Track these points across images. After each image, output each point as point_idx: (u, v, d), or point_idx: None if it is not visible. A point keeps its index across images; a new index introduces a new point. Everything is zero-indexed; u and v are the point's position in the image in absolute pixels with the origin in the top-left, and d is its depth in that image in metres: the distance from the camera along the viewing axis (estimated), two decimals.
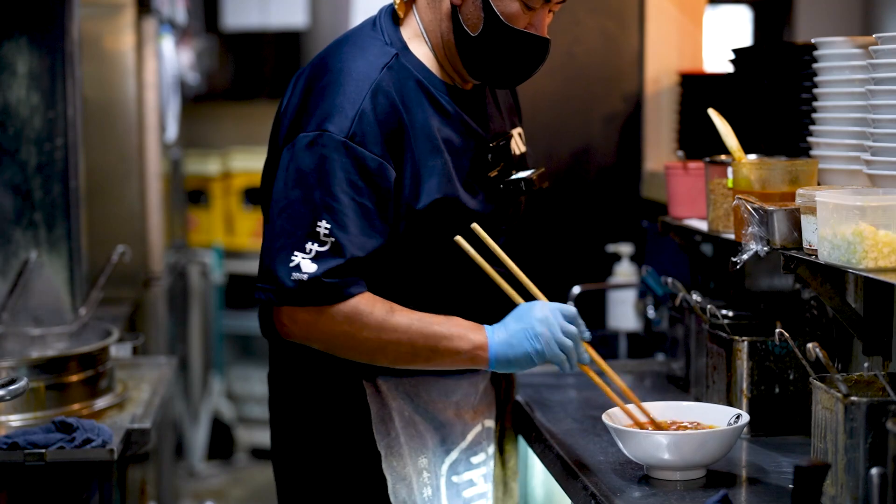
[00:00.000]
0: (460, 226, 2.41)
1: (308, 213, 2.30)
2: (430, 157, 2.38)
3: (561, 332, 2.33)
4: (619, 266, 3.68)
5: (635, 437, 2.24)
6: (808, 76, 2.60)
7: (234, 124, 6.91)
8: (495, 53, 2.40)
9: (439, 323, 2.36)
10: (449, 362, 2.38)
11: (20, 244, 3.29)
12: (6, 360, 2.82)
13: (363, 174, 2.31)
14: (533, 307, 2.36)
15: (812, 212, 2.19)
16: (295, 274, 2.30)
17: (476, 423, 2.58)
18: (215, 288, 6.38)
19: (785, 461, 2.36)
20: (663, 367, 3.15)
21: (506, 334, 2.35)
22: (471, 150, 2.46)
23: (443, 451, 2.53)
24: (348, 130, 2.31)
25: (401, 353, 2.37)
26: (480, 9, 2.36)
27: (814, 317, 2.63)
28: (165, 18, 5.09)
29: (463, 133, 2.45)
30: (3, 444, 2.49)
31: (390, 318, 2.34)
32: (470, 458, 2.56)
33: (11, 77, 3.26)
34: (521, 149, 2.63)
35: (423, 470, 2.50)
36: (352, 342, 2.36)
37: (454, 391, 2.54)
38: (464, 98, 2.48)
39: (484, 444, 2.59)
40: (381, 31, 2.46)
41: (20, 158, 3.27)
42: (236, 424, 6.45)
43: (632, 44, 3.77)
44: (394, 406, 2.48)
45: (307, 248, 2.29)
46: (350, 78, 2.36)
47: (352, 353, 2.39)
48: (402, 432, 2.49)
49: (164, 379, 3.14)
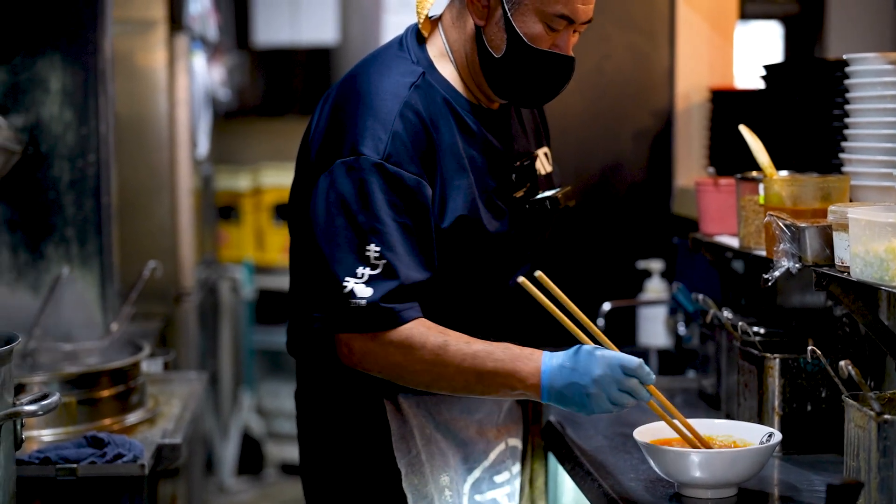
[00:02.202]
0: (480, 247, 2.40)
1: (355, 237, 2.28)
2: (455, 175, 2.37)
3: (617, 390, 2.23)
4: (650, 282, 3.67)
5: (666, 455, 2.23)
6: (840, 92, 2.59)
7: (265, 140, 6.93)
8: (519, 74, 2.38)
9: (494, 359, 2.29)
10: (503, 396, 2.34)
11: (52, 260, 3.31)
12: (38, 374, 2.84)
13: (403, 194, 2.30)
14: (592, 361, 2.23)
15: (844, 228, 2.18)
16: (352, 301, 2.27)
17: (500, 441, 2.56)
18: (245, 303, 6.40)
19: (817, 480, 2.34)
20: (694, 384, 3.14)
21: (561, 383, 2.25)
22: (495, 170, 2.45)
23: (465, 469, 2.51)
24: (383, 152, 2.30)
25: (455, 387, 2.34)
26: (503, 30, 2.35)
27: (846, 334, 2.62)
28: (197, 35, 5.12)
29: (487, 153, 2.44)
30: (36, 458, 2.50)
31: (443, 355, 2.29)
32: (493, 477, 2.55)
33: (45, 94, 3.28)
34: (546, 168, 2.61)
35: (445, 488, 2.48)
36: (407, 374, 2.34)
37: (477, 409, 2.52)
38: (489, 117, 2.47)
39: (508, 462, 2.58)
40: (407, 50, 2.45)
41: (53, 174, 3.29)
42: (266, 440, 6.45)
43: (662, 59, 3.77)
44: (415, 424, 2.47)
45: (359, 272, 2.27)
46: (379, 98, 2.35)
47: (409, 383, 2.37)
48: (423, 450, 2.47)
49: (194, 394, 3.15)
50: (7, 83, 3.27)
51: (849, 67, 2.53)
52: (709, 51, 3.75)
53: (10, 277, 3.29)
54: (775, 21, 6.41)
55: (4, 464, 2.11)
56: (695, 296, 2.91)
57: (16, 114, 3.27)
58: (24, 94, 3.27)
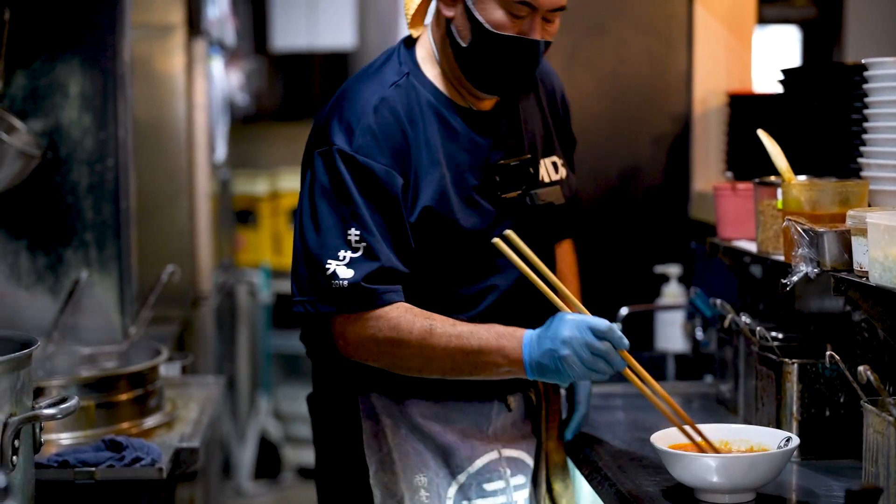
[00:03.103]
0: (454, 243, 2.45)
1: (339, 221, 2.37)
2: (429, 170, 2.43)
3: (590, 354, 2.27)
4: (668, 287, 3.66)
5: (683, 460, 2.22)
6: (859, 96, 2.58)
7: (283, 145, 6.95)
8: (486, 61, 2.43)
9: (478, 338, 2.35)
10: (493, 375, 2.39)
11: (71, 264, 3.33)
12: (57, 378, 2.85)
13: (373, 184, 2.38)
14: (562, 324, 2.30)
15: (863, 233, 2.18)
16: (334, 282, 2.36)
17: (490, 449, 2.55)
18: (263, 307, 6.41)
19: (836, 485, 2.33)
20: (711, 388, 3.14)
21: (538, 353, 2.32)
22: (478, 169, 2.48)
23: (447, 472, 2.52)
24: (354, 143, 2.38)
25: (445, 368, 2.40)
26: (468, 19, 2.41)
27: (865, 339, 2.61)
28: (215, 40, 5.13)
29: (470, 151, 2.48)
30: (54, 462, 2.51)
31: (429, 338, 2.36)
32: (482, 485, 2.54)
33: (64, 98, 3.30)
34: (552, 176, 2.62)
35: (421, 488, 2.49)
36: (398, 360, 2.40)
37: (457, 419, 2.54)
38: (475, 118, 2.51)
39: (502, 472, 2.55)
40: (397, 55, 2.53)
41: (72, 179, 3.31)
42: (283, 444, 6.46)
43: (680, 64, 3.77)
44: (387, 423, 2.50)
45: (341, 255, 2.36)
46: (358, 96, 2.45)
47: (401, 369, 2.43)
48: (395, 448, 2.50)
49: (212, 398, 3.16)
50: (26, 88, 3.29)
51: (867, 72, 2.52)
52: (726, 55, 3.74)
53: (29, 281, 3.31)
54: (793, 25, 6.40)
55: (24, 467, 2.12)
56: (712, 301, 2.90)
57: (35, 118, 3.28)
58: (43, 99, 3.29)
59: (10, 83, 3.26)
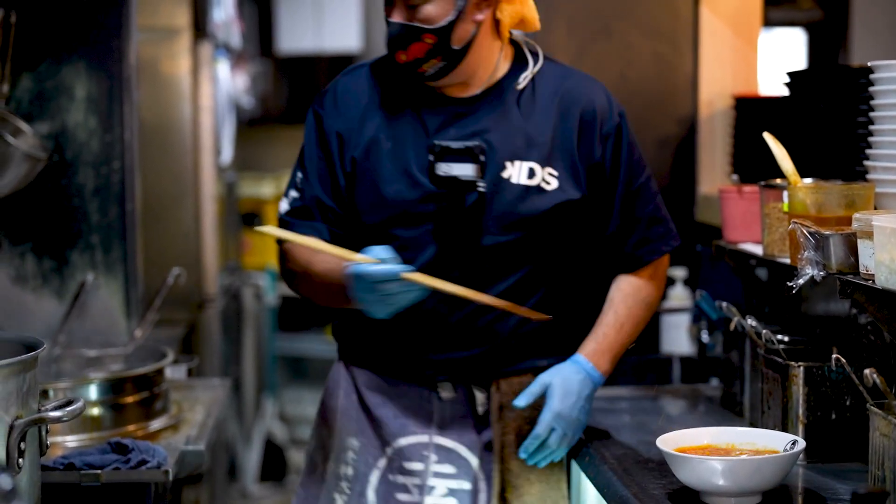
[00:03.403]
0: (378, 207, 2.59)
1: (296, 167, 2.70)
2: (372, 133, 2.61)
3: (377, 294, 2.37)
4: (673, 290, 3.66)
5: (689, 463, 2.22)
6: (865, 99, 2.58)
7: (289, 147, 6.91)
8: None
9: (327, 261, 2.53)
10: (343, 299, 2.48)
11: (77, 266, 3.33)
12: (63, 381, 2.85)
13: (321, 135, 2.65)
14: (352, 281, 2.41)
15: (869, 236, 2.18)
16: (279, 215, 2.70)
17: (421, 432, 2.64)
18: (269, 310, 6.41)
19: (842, 488, 2.33)
20: (717, 391, 3.13)
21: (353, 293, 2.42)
22: (422, 146, 2.58)
23: (379, 444, 2.66)
24: (320, 102, 2.68)
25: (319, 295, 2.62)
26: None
27: (871, 342, 2.61)
28: (221, 43, 5.14)
29: (418, 127, 2.60)
30: (60, 464, 2.51)
31: (309, 267, 2.59)
32: (403, 462, 2.64)
33: (70, 101, 3.30)
34: (520, 179, 2.59)
35: (350, 450, 2.68)
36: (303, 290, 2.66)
37: (400, 397, 2.67)
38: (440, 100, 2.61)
39: (425, 456, 2.63)
40: None
41: (78, 181, 3.31)
42: (289, 446, 6.47)
43: (685, 67, 3.76)
44: (343, 386, 2.72)
45: (290, 194, 2.68)
46: (341, 76, 2.72)
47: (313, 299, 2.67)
48: (340, 409, 2.70)
49: (217, 401, 3.16)
50: (32, 90, 3.29)
51: (873, 74, 2.52)
52: (732, 58, 3.74)
53: (35, 284, 3.31)
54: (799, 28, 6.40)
55: (30, 470, 2.12)
56: (718, 303, 2.90)
57: (41, 121, 3.29)
58: (49, 102, 3.30)
59: (16, 86, 3.26)
